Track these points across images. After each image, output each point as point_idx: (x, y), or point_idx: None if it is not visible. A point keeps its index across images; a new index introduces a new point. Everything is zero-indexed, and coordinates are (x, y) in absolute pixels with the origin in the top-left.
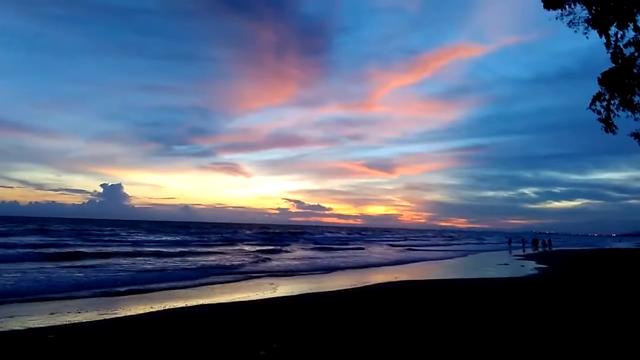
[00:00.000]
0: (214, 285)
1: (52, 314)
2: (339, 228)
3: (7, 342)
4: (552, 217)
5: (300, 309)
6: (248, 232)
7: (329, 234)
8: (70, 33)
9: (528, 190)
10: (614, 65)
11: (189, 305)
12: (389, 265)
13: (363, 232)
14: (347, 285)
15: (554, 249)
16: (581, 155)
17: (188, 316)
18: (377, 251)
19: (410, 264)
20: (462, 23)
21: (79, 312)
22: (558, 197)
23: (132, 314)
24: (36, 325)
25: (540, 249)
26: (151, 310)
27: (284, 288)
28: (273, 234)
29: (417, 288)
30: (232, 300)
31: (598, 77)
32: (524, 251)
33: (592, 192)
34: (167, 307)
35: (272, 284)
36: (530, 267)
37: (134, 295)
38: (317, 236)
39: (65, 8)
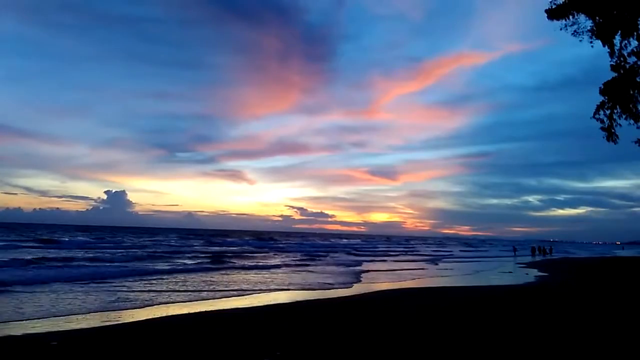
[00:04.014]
0: None
1: None
2: (347, 235)
3: (11, 348)
4: (556, 225)
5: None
6: (274, 239)
7: (358, 242)
8: (76, 40)
9: (532, 198)
10: (615, 74)
11: (191, 312)
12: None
13: (388, 242)
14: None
15: (555, 256)
16: (585, 163)
17: (192, 323)
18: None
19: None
20: (465, 31)
21: (84, 318)
22: (562, 204)
23: (135, 320)
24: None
25: (539, 257)
26: (154, 316)
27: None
28: (310, 246)
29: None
30: (235, 307)
31: (600, 87)
32: (514, 258)
33: (596, 200)
34: (170, 314)
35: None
36: (531, 275)
37: None
38: (354, 245)
39: (71, 16)
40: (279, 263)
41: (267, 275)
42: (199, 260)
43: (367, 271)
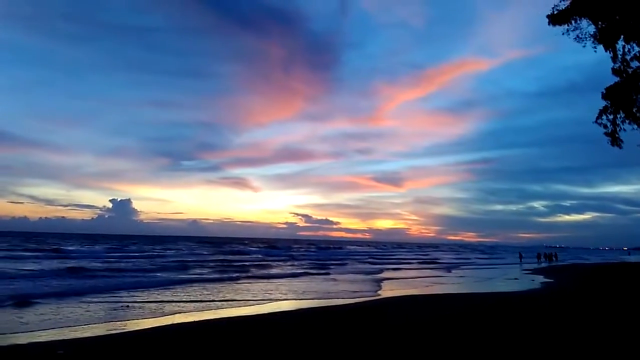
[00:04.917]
0: None
1: None
2: (352, 242)
3: (16, 357)
4: (562, 231)
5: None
6: (290, 247)
7: (373, 250)
8: (80, 50)
9: (537, 204)
10: (617, 79)
11: (197, 320)
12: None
13: (402, 249)
14: None
15: (560, 262)
16: (590, 168)
17: (195, 331)
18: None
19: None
20: (468, 38)
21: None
22: (568, 210)
23: (141, 328)
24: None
25: (544, 263)
26: (159, 325)
27: None
28: (327, 254)
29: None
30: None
31: (602, 92)
32: (520, 265)
33: (602, 205)
34: (176, 322)
35: None
36: (537, 282)
37: None
38: (370, 252)
39: (75, 26)
40: (301, 271)
41: (295, 283)
42: (220, 269)
43: (389, 279)
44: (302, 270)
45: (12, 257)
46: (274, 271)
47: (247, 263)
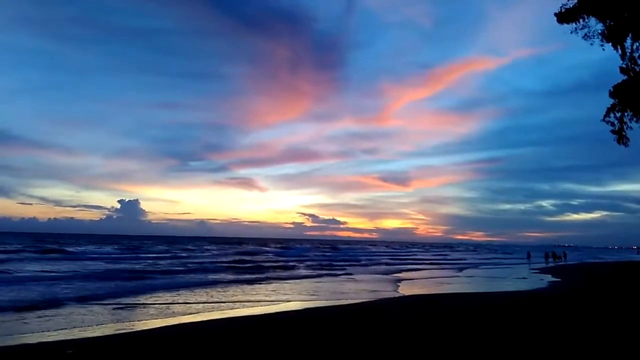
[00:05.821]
0: None
1: None
2: (360, 242)
3: (26, 356)
4: (571, 230)
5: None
6: (303, 248)
7: (388, 250)
8: (88, 52)
9: (545, 203)
10: (625, 77)
11: (202, 320)
12: None
13: (414, 248)
14: None
15: (570, 262)
16: (599, 166)
17: (202, 332)
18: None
19: None
20: (475, 37)
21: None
22: (576, 209)
23: (149, 327)
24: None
25: (552, 263)
26: (166, 325)
27: None
28: (343, 254)
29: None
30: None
31: (610, 90)
32: (529, 265)
33: (611, 204)
34: (183, 322)
35: None
36: (545, 281)
37: None
38: (385, 252)
39: (83, 28)
40: (324, 272)
41: (319, 283)
42: (242, 270)
43: (406, 279)
44: (324, 272)
45: (26, 259)
46: (294, 272)
47: (266, 264)
